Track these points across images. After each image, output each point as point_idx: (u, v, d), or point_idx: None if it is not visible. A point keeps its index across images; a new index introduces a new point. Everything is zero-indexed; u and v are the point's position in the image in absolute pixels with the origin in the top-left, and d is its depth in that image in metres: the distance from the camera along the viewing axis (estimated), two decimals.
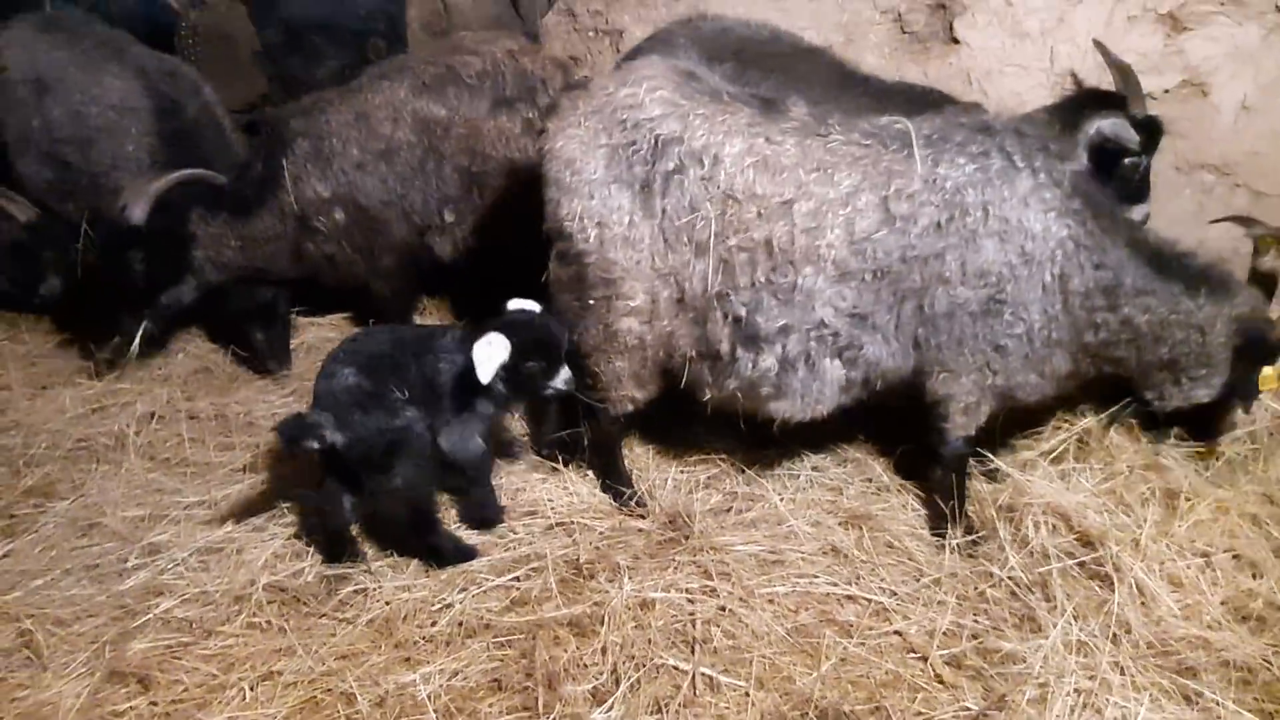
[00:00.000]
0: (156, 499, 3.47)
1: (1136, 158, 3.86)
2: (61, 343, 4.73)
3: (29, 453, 3.75)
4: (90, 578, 3.07)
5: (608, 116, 3.01)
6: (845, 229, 2.88)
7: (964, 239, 2.86)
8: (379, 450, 2.93)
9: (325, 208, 4.29)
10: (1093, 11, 4.37)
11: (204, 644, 2.73)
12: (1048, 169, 2.89)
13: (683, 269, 3.01)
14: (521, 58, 4.35)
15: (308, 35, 5.18)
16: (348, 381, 2.96)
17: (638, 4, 4.93)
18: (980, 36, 4.56)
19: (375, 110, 4.24)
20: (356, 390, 2.94)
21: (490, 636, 2.73)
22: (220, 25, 5.24)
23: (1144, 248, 2.99)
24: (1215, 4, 4.32)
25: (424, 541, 3.06)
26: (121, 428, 3.90)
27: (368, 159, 4.25)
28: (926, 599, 2.88)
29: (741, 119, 2.96)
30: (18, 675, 2.64)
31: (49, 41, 4.84)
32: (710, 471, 3.57)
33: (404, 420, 2.96)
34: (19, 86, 4.76)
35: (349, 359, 3.03)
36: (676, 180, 2.94)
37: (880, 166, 2.90)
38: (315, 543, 3.14)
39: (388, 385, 2.97)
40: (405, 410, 2.98)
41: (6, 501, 3.47)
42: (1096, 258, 2.90)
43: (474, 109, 4.24)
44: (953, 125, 2.98)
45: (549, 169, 3.09)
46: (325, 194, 4.27)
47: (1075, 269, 2.89)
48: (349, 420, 2.91)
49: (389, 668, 2.63)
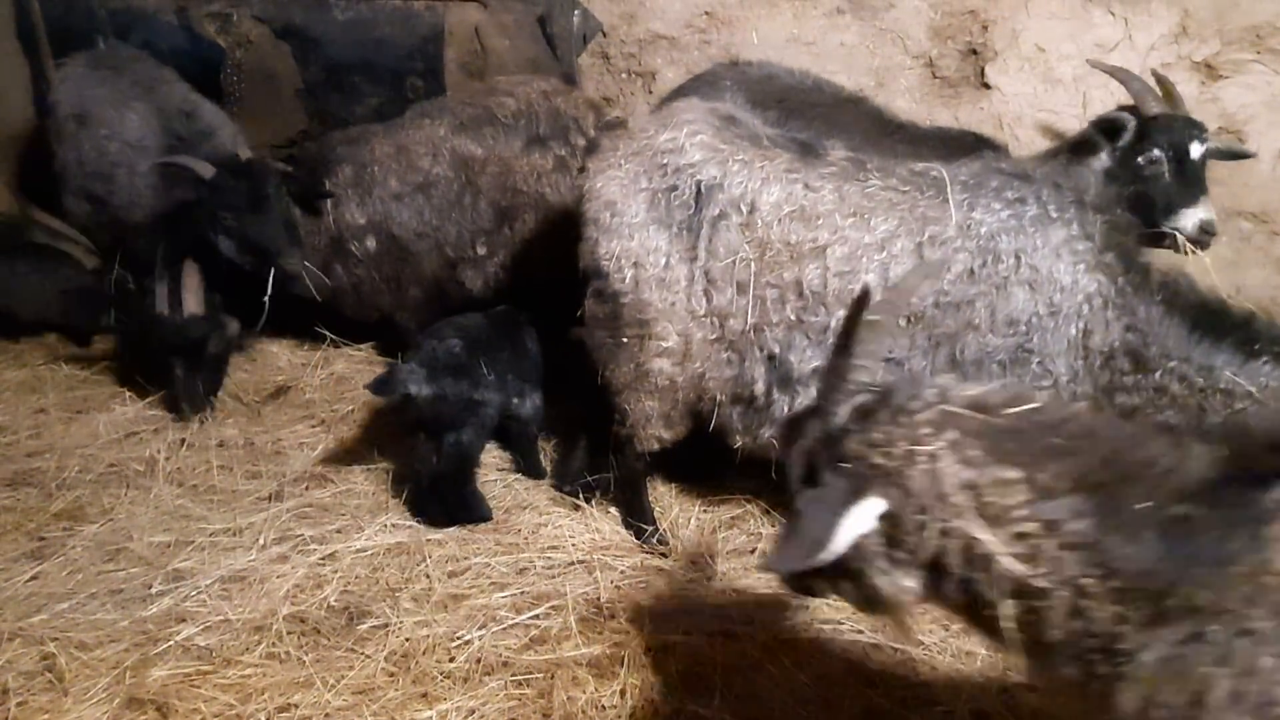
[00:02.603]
0: (183, 525, 3.49)
1: (1150, 154, 3.63)
2: (99, 368, 4.82)
3: (61, 476, 3.80)
4: (114, 602, 3.09)
5: (648, 160, 3.06)
6: (880, 274, 2.87)
7: (995, 285, 2.83)
8: (455, 411, 3.44)
9: (360, 233, 4.43)
10: (1126, 58, 4.37)
11: (223, 673, 2.72)
12: (1081, 221, 2.84)
13: (725, 307, 3.02)
14: (555, 98, 4.45)
15: (349, 74, 5.32)
16: (452, 349, 3.50)
17: (670, 47, 5.02)
18: (1012, 82, 4.58)
19: (415, 145, 4.38)
20: (455, 358, 3.48)
21: (508, 674, 2.69)
22: (265, 63, 5.40)
23: (1185, 308, 2.76)
24: (1252, 52, 4.31)
25: (459, 491, 3.46)
26: (153, 453, 3.94)
27: (405, 190, 4.38)
28: (955, 650, 2.81)
29: (780, 164, 2.99)
30: (39, 699, 2.65)
31: (95, 78, 5.02)
32: (734, 511, 3.53)
33: (482, 395, 3.52)
34: (68, 121, 4.94)
35: (458, 332, 3.61)
36: (722, 225, 2.97)
37: (916, 212, 2.89)
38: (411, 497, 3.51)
39: (480, 362, 3.54)
40: (487, 388, 3.54)
41: (37, 524, 3.51)
42: (1127, 318, 2.76)
43: (508, 147, 4.34)
44: (990, 170, 2.97)
45: (589, 209, 3.13)
46: (361, 220, 4.43)
47: (1099, 325, 2.78)
48: (440, 380, 3.42)
49: (405, 704, 2.61)
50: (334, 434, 4.16)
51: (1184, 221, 3.64)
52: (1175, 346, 2.74)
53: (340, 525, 3.45)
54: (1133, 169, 3.67)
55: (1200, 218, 3.63)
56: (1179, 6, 4.32)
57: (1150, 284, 2.82)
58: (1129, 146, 3.70)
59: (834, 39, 4.78)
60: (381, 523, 3.45)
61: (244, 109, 5.42)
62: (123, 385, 4.60)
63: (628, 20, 5.01)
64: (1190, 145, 3.63)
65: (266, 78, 5.42)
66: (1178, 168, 3.63)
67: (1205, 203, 3.66)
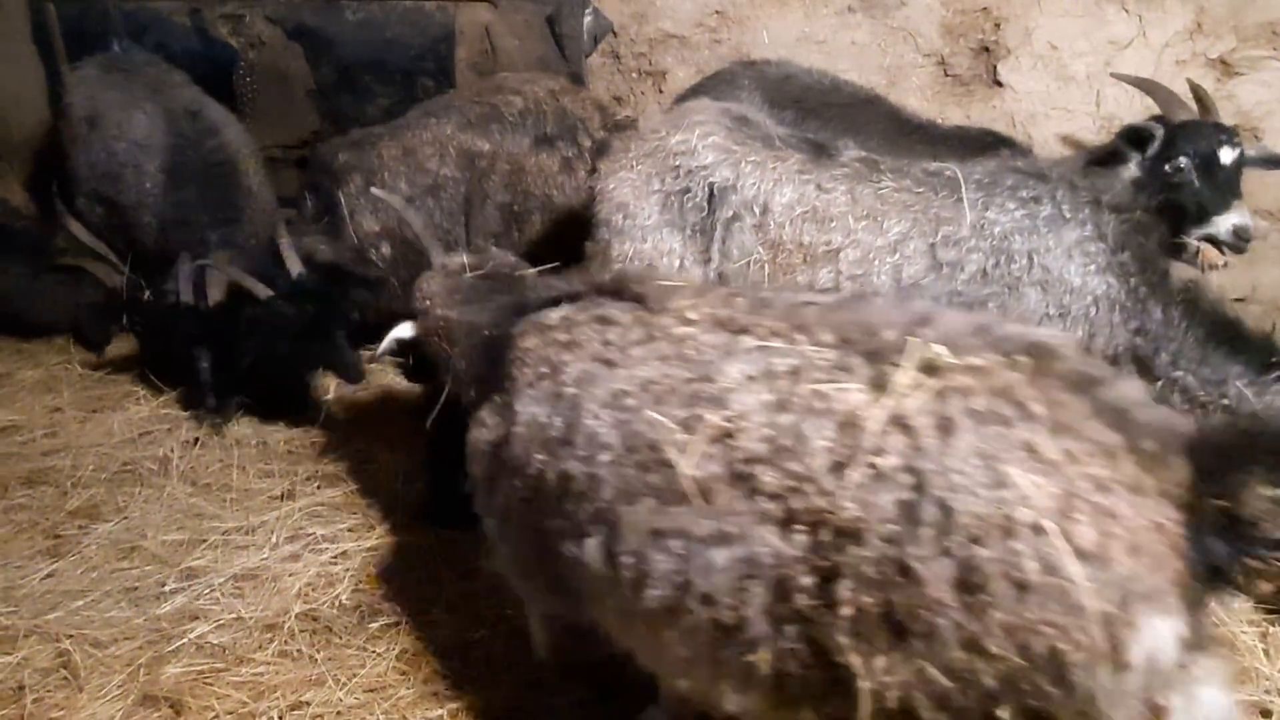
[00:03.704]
0: (196, 523, 3.52)
1: (1177, 162, 3.54)
2: (113, 368, 4.85)
3: (76, 474, 3.84)
4: (129, 600, 3.11)
5: (661, 162, 3.06)
6: (892, 276, 2.87)
7: (1007, 286, 2.82)
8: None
9: (375, 240, 4.42)
10: (1140, 55, 4.34)
11: (236, 671, 2.74)
12: (1096, 221, 2.81)
13: None
14: (562, 97, 4.44)
15: (360, 75, 5.34)
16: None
17: (681, 46, 5.01)
18: (1024, 80, 4.55)
19: (423, 146, 4.36)
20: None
21: (520, 674, 2.70)
22: (277, 64, 5.43)
23: (1203, 317, 2.71)
24: (1268, 49, 4.27)
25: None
26: (166, 452, 3.97)
27: (416, 193, 4.36)
28: None
29: (793, 165, 2.98)
30: (54, 696, 2.68)
31: (108, 80, 5.06)
32: None
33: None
34: (81, 124, 4.98)
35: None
36: (736, 228, 2.97)
37: (930, 213, 2.88)
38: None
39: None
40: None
41: (52, 522, 3.54)
42: (1135, 322, 2.72)
43: (516, 145, 4.33)
44: (1005, 169, 2.96)
45: (601, 211, 3.13)
46: (375, 227, 4.40)
47: (1104, 329, 2.75)
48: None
49: (417, 702, 2.61)
50: (346, 433, 4.18)
51: (1217, 228, 3.54)
52: (1187, 355, 2.69)
53: (352, 524, 3.47)
54: (1161, 177, 3.58)
55: (1234, 223, 3.54)
56: (1194, 3, 4.29)
57: (1168, 287, 2.77)
58: (1157, 155, 3.61)
59: (845, 37, 4.76)
60: (393, 522, 3.46)
61: (256, 110, 5.46)
62: (137, 385, 4.63)
63: (638, 19, 5.01)
64: (1220, 151, 3.53)
65: (279, 79, 5.44)
66: (1207, 174, 3.53)
67: (1239, 208, 3.56)
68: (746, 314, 1.84)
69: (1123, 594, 1.36)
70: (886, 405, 1.52)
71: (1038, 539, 1.36)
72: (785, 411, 1.61)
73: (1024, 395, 1.49)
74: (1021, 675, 1.37)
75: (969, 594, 1.39)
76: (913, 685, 1.46)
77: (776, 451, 1.59)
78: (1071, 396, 1.49)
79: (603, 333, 1.99)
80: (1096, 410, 1.48)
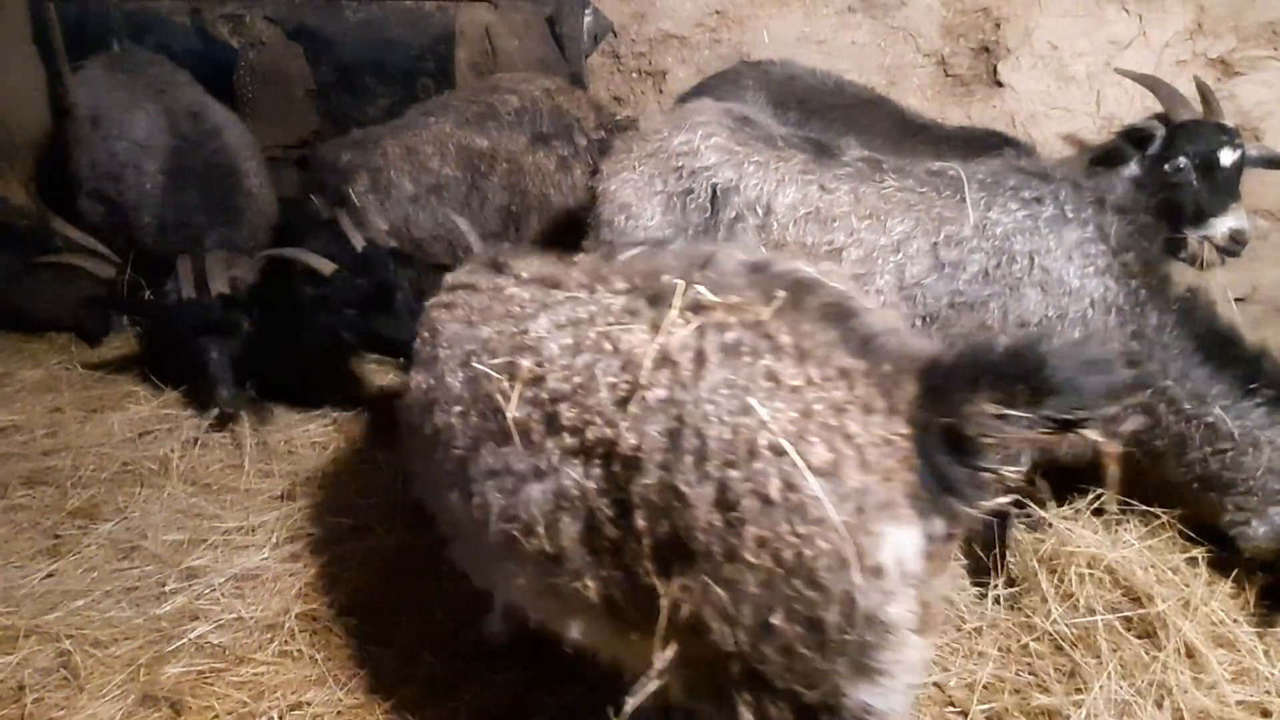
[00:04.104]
0: (196, 524, 3.52)
1: (1176, 162, 3.52)
2: (113, 368, 4.85)
3: (77, 474, 3.84)
4: (129, 600, 3.11)
5: (663, 163, 3.06)
6: (895, 276, 2.86)
7: (1008, 286, 2.82)
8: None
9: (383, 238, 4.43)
10: (1140, 55, 4.34)
11: (236, 671, 2.74)
12: (1098, 223, 2.80)
13: None
14: (558, 97, 4.46)
15: (360, 75, 5.35)
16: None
17: (681, 46, 5.01)
18: (1025, 80, 4.55)
19: (424, 145, 4.38)
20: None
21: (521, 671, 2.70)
22: (277, 64, 5.43)
23: (1197, 327, 2.67)
24: (1268, 49, 4.27)
25: None
26: (166, 452, 3.97)
27: (420, 192, 4.38)
28: (967, 650, 2.79)
29: (795, 165, 2.98)
30: (54, 695, 2.68)
31: (111, 80, 5.06)
32: None
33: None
34: (84, 124, 4.98)
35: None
36: (739, 228, 2.97)
37: (932, 213, 2.88)
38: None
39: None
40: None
41: (53, 522, 3.54)
42: (1133, 325, 2.69)
43: (513, 144, 4.34)
44: (1008, 169, 2.95)
45: (603, 211, 3.13)
46: (383, 225, 4.42)
47: (1099, 331, 2.72)
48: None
49: (417, 703, 2.61)
50: (346, 433, 4.18)
51: (1214, 230, 3.53)
52: (1175, 365, 2.66)
53: (352, 524, 3.47)
54: (1160, 176, 3.56)
55: (1230, 226, 3.51)
56: (1194, 3, 4.28)
57: (1167, 293, 2.75)
58: (1157, 154, 3.60)
59: (845, 37, 4.76)
60: (392, 522, 3.46)
61: (256, 109, 5.46)
62: (137, 385, 4.63)
63: (638, 19, 5.01)
64: (1220, 152, 3.51)
65: (279, 78, 5.45)
66: (1207, 175, 3.51)
67: (1237, 210, 3.53)
68: (563, 270, 2.05)
69: (857, 505, 1.50)
70: (657, 343, 1.68)
71: (778, 459, 1.52)
72: (581, 353, 1.80)
73: (772, 328, 1.64)
74: (781, 581, 1.53)
75: (727, 512, 1.56)
76: (700, 600, 1.62)
77: (574, 389, 1.77)
78: (820, 326, 1.64)
79: (467, 299, 2.21)
80: (843, 338, 1.62)
